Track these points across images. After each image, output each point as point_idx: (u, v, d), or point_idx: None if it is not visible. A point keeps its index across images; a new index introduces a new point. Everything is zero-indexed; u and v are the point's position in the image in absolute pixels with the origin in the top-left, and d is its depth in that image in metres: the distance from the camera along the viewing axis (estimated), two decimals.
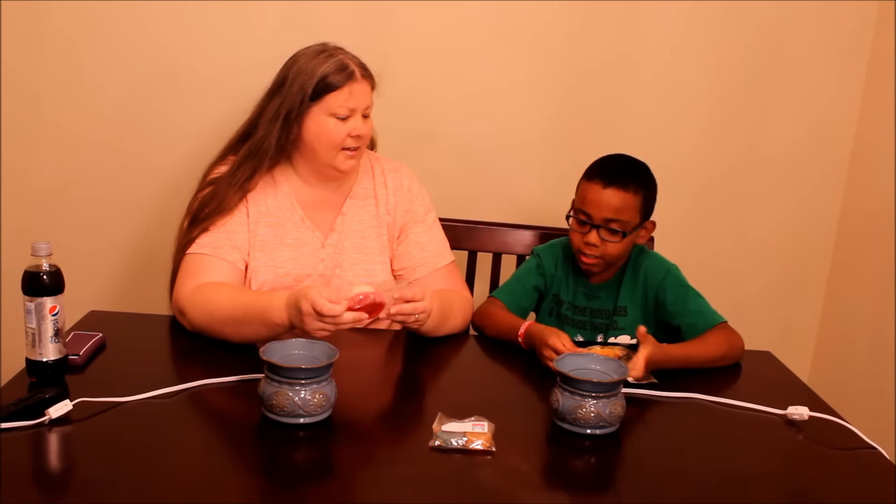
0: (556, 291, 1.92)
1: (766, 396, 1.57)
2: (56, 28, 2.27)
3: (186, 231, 1.77)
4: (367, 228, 1.87)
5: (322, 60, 1.75)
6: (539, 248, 1.98)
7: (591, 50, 2.38)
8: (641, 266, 1.87)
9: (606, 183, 1.79)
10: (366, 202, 1.89)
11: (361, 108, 1.77)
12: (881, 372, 2.32)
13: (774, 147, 2.50)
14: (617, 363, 1.45)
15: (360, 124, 1.77)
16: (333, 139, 1.75)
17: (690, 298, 1.82)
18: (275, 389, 1.33)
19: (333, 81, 1.73)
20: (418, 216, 1.91)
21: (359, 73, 1.76)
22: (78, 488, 1.19)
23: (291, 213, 1.83)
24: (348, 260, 1.84)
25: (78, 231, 2.39)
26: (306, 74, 1.74)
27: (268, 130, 1.76)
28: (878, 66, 2.40)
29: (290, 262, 1.81)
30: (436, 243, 1.92)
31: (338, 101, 1.74)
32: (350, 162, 1.79)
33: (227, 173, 1.79)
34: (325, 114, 1.74)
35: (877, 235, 2.36)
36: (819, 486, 1.31)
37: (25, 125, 2.33)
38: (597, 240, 1.79)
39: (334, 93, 1.73)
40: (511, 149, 2.43)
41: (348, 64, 1.75)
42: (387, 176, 1.91)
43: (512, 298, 1.90)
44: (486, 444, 1.31)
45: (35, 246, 1.40)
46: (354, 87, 1.75)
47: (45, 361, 1.43)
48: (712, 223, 2.54)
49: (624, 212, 1.78)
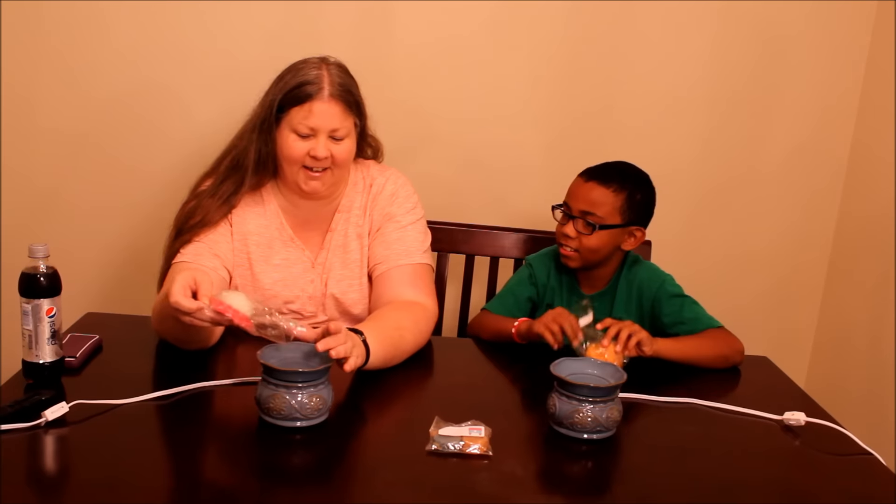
0: (549, 301, 1.93)
1: (763, 402, 1.57)
2: (54, 32, 2.27)
3: (170, 243, 1.74)
4: (350, 241, 1.81)
5: (296, 73, 1.69)
6: (531, 258, 1.98)
7: (590, 58, 2.38)
8: (636, 277, 1.88)
9: (589, 177, 1.84)
10: (351, 213, 1.82)
11: (325, 129, 1.67)
12: (878, 378, 2.33)
13: (772, 154, 2.50)
14: (614, 367, 1.45)
15: (322, 146, 1.67)
16: (292, 155, 1.68)
17: (686, 307, 1.83)
18: (271, 392, 1.33)
19: (297, 95, 1.66)
20: (394, 216, 1.82)
21: (327, 93, 1.66)
22: (74, 490, 1.19)
23: (280, 232, 1.79)
24: (334, 277, 1.80)
25: (75, 233, 2.38)
26: (278, 86, 1.69)
27: (248, 143, 1.73)
28: (875, 70, 2.40)
29: (278, 283, 1.77)
30: (404, 242, 1.80)
31: (297, 117, 1.67)
32: (312, 183, 1.71)
33: (212, 186, 1.75)
34: (288, 128, 1.68)
35: (874, 242, 2.37)
36: (815, 492, 1.31)
37: (23, 128, 2.33)
38: (572, 231, 1.83)
39: (296, 108, 1.66)
40: (510, 153, 2.43)
41: (316, 80, 1.67)
42: (374, 182, 1.84)
43: (505, 310, 1.90)
44: (483, 449, 1.31)
45: (32, 248, 1.40)
46: (316, 105, 1.66)
47: (42, 363, 1.43)
48: (710, 230, 2.54)
49: (599, 206, 1.81)
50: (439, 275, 2.18)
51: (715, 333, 1.78)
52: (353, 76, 1.76)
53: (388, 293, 1.76)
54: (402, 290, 1.76)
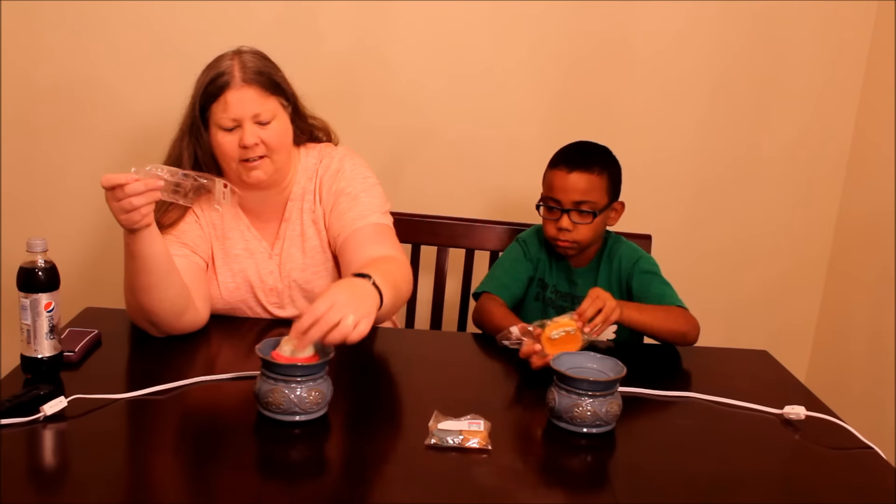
0: (541, 275, 1.97)
1: (763, 396, 1.57)
2: (54, 26, 2.27)
3: None
4: (306, 228, 1.79)
5: (208, 70, 1.67)
6: (524, 235, 2.02)
7: (587, 49, 2.38)
8: (616, 253, 1.92)
9: (571, 167, 1.85)
10: (304, 201, 1.80)
11: (247, 116, 1.64)
12: (878, 372, 2.32)
13: (772, 148, 2.50)
14: (613, 362, 1.45)
15: (249, 134, 1.64)
16: (225, 151, 1.66)
17: (655, 283, 1.86)
18: (271, 387, 1.33)
19: (211, 91, 1.64)
20: (343, 191, 1.78)
21: (238, 79, 1.63)
22: (72, 485, 1.18)
23: (237, 221, 1.79)
24: (296, 266, 1.78)
25: (74, 228, 2.38)
26: (196, 87, 1.68)
27: (179, 150, 1.71)
28: (876, 66, 2.40)
29: (238, 275, 1.77)
30: (358, 208, 1.75)
31: (218, 112, 1.64)
32: (254, 173, 1.68)
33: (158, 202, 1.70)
34: (214, 126, 1.66)
35: (874, 236, 2.36)
36: (815, 486, 1.31)
37: (22, 122, 2.33)
38: (569, 224, 1.85)
39: (214, 104, 1.64)
40: (509, 148, 2.43)
41: (225, 71, 1.64)
42: (320, 164, 1.81)
43: (506, 290, 1.93)
44: (483, 443, 1.31)
45: (30, 242, 1.40)
46: (231, 95, 1.63)
47: (41, 358, 1.43)
48: (710, 224, 2.54)
49: (591, 193, 1.84)
50: (439, 269, 2.18)
51: (677, 310, 1.81)
52: (270, 59, 1.73)
53: (355, 256, 1.69)
54: (367, 248, 1.69)
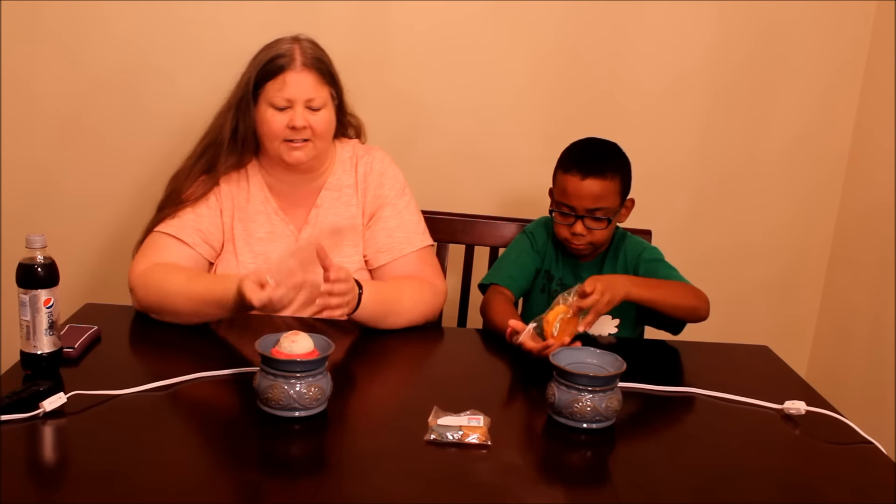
0: (547, 267, 1.96)
1: (763, 391, 1.56)
2: (52, 25, 2.27)
3: (153, 218, 1.78)
4: (341, 220, 1.83)
5: (267, 50, 1.73)
6: (530, 227, 2.01)
7: (588, 47, 2.38)
8: (622, 248, 1.93)
9: (584, 174, 1.82)
10: (340, 193, 1.85)
11: (301, 99, 1.71)
12: (879, 367, 2.32)
13: (773, 146, 2.49)
14: (613, 357, 1.44)
15: (300, 116, 1.71)
16: (272, 129, 1.72)
17: (661, 269, 1.86)
18: (270, 382, 1.33)
19: (270, 70, 1.70)
20: (388, 200, 1.86)
21: (299, 63, 1.70)
22: (72, 481, 1.18)
23: (265, 205, 1.82)
24: None
25: (73, 224, 2.38)
26: (252, 64, 1.73)
27: (223, 121, 1.76)
28: (876, 64, 2.40)
29: (260, 257, 1.79)
30: (405, 229, 1.85)
31: (273, 90, 1.70)
32: (295, 154, 1.74)
33: (187, 167, 1.79)
34: (265, 103, 1.72)
35: (875, 231, 2.36)
36: (816, 482, 1.31)
37: (20, 119, 2.32)
38: (583, 230, 1.84)
39: (270, 82, 1.70)
40: (509, 143, 2.43)
41: (288, 53, 1.71)
42: (359, 161, 1.87)
43: (514, 282, 1.93)
44: (482, 438, 1.31)
45: (30, 238, 1.40)
46: (290, 76, 1.70)
47: (40, 354, 1.42)
48: (711, 219, 2.53)
49: (605, 199, 1.83)
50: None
51: (686, 285, 1.80)
52: (325, 51, 1.78)
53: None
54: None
